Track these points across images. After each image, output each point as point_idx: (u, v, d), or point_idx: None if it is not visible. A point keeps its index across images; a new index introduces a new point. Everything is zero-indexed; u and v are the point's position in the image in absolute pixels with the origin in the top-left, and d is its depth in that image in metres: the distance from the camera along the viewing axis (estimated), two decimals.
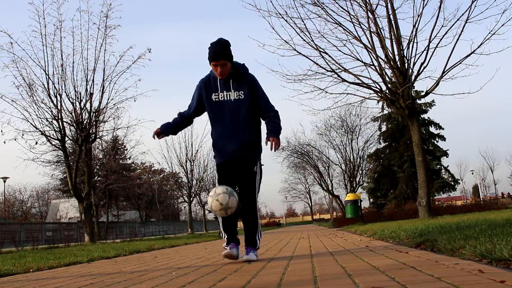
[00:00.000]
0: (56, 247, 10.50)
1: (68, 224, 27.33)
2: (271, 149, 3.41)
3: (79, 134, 14.47)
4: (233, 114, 3.47)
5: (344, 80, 11.44)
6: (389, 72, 12.11)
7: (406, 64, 11.20)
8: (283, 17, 11.29)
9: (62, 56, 14.27)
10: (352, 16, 11.25)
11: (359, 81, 11.44)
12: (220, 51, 3.39)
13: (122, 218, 38.76)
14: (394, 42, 11.19)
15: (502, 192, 58.09)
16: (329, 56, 11.35)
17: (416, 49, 11.03)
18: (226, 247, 3.53)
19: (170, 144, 31.44)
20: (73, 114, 14.39)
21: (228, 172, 3.51)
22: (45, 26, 14.10)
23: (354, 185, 28.07)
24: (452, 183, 28.19)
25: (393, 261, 2.51)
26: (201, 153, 38.04)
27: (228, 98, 3.47)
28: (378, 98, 12.30)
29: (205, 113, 3.69)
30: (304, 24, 11.28)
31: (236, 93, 3.47)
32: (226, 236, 3.55)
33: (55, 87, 14.15)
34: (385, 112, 28.00)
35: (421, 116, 27.51)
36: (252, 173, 3.51)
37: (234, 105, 3.47)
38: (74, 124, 14.43)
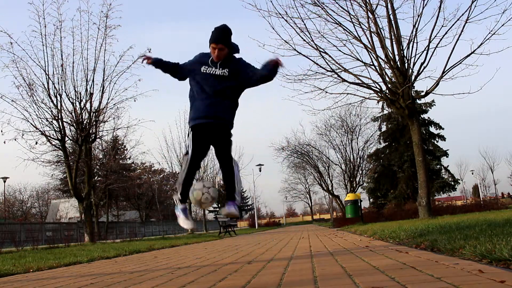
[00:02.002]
0: (56, 247, 10.48)
1: (68, 224, 27.32)
2: (279, 64, 3.65)
3: (79, 134, 14.46)
4: (216, 88, 3.72)
5: (344, 80, 11.44)
6: (389, 72, 12.12)
7: (406, 64, 11.20)
8: (283, 17, 11.30)
9: (62, 56, 14.26)
10: (352, 16, 11.26)
11: (359, 81, 11.44)
12: (221, 36, 3.65)
13: (122, 218, 38.76)
14: (394, 42, 11.19)
15: (502, 192, 58.15)
16: (329, 56, 11.36)
17: (416, 49, 11.05)
18: (180, 207, 3.84)
19: (170, 144, 31.45)
20: (73, 114, 14.38)
21: (204, 134, 3.70)
22: (45, 26, 14.09)
23: (354, 185, 28.05)
24: (452, 183, 28.19)
25: (393, 261, 2.51)
26: None
27: (214, 73, 3.73)
28: (378, 98, 12.30)
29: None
30: (304, 24, 11.29)
31: (222, 71, 3.73)
32: (180, 194, 3.80)
33: (55, 87, 14.15)
34: (385, 112, 28.01)
35: (421, 116, 27.51)
36: (229, 140, 3.78)
37: (218, 80, 3.73)
38: (74, 124, 14.42)
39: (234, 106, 3.90)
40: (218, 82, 3.74)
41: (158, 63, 3.85)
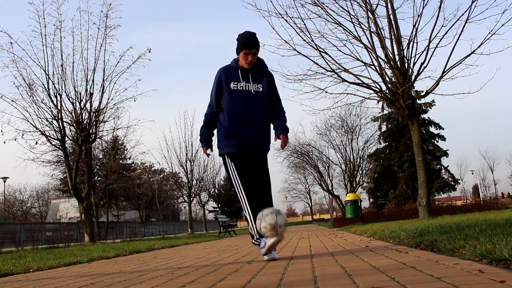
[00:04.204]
0: (56, 247, 10.49)
1: (68, 224, 27.33)
2: (282, 146, 3.57)
3: (79, 134, 14.46)
4: (251, 105, 3.47)
5: (344, 80, 11.44)
6: (389, 72, 12.12)
7: (406, 64, 11.20)
8: (283, 17, 11.29)
9: (62, 56, 14.28)
10: (352, 16, 11.25)
11: (359, 81, 11.44)
12: (254, 39, 3.47)
13: (122, 218, 38.77)
14: (394, 42, 11.19)
15: (502, 192, 58.22)
16: (329, 56, 11.35)
17: (416, 49, 11.04)
18: (257, 242, 3.41)
19: (170, 144, 31.47)
20: (73, 114, 14.38)
21: (244, 161, 3.46)
22: (45, 26, 14.10)
23: (354, 185, 28.05)
24: (452, 183, 28.19)
25: (393, 261, 2.51)
26: (201, 153, 38.04)
27: (248, 89, 3.49)
28: (378, 98, 12.29)
29: None
30: (304, 24, 11.28)
31: (255, 86, 3.51)
32: (257, 232, 3.37)
33: (55, 87, 14.15)
34: (385, 112, 28.02)
35: (421, 116, 27.51)
36: (266, 164, 3.60)
37: (252, 96, 3.49)
38: (74, 124, 14.42)
39: (270, 126, 3.64)
40: (253, 101, 3.46)
41: (211, 140, 3.56)
